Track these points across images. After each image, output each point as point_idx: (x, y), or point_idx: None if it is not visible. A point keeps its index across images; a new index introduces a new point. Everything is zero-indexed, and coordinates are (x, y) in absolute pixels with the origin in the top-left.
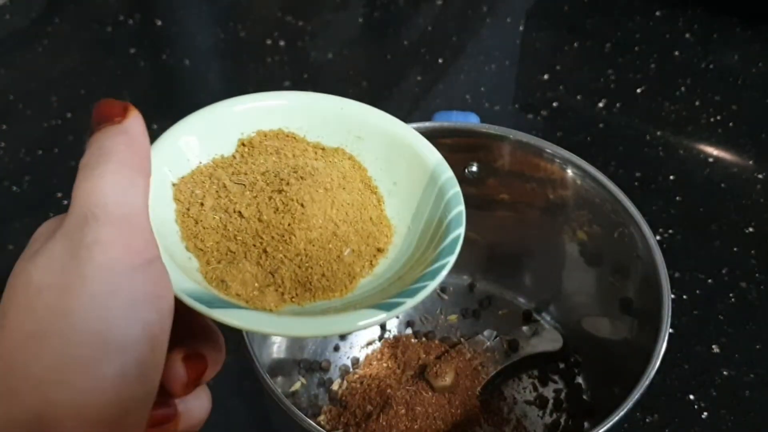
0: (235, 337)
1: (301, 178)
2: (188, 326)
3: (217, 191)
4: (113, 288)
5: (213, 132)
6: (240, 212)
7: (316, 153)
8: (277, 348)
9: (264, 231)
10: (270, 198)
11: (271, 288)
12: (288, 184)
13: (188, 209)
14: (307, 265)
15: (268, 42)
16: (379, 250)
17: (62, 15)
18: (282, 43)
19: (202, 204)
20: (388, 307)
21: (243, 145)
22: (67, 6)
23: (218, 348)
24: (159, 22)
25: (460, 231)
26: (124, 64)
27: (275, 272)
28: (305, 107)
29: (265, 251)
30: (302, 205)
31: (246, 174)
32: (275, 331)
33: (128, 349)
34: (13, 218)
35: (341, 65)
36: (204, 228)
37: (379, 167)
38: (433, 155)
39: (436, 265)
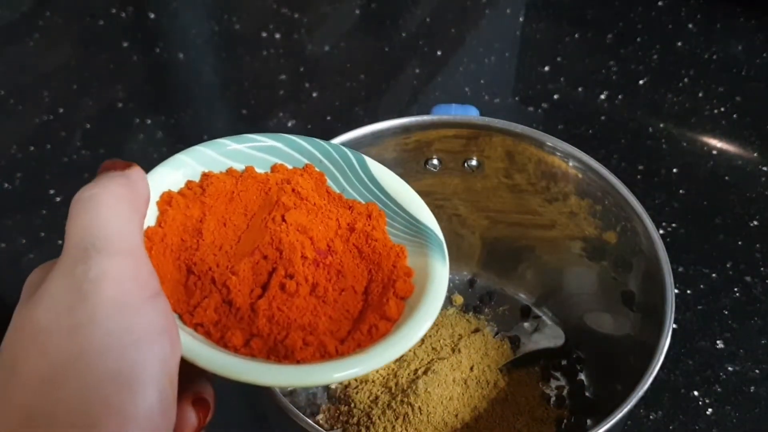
0: None
1: None
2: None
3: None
4: (127, 324)
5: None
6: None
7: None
8: None
9: None
10: None
11: None
12: None
13: None
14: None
15: (264, 35)
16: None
17: (53, 8)
18: (278, 35)
19: None
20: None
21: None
22: None
23: (210, 388)
24: (152, 15)
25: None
26: (116, 58)
27: None
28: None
29: None
30: None
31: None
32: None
33: (150, 386)
34: (6, 216)
35: (338, 58)
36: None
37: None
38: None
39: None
